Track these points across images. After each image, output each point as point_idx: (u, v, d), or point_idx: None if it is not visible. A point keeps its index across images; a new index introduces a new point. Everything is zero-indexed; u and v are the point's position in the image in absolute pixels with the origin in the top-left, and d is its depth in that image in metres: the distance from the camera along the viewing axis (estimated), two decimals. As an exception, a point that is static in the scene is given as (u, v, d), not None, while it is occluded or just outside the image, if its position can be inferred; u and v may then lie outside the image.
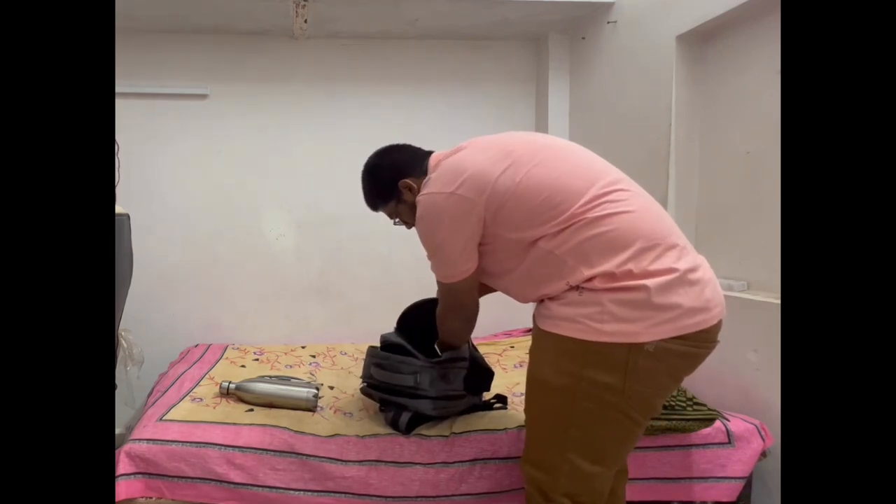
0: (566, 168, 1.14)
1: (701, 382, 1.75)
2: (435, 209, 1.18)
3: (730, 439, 1.50)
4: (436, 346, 1.48)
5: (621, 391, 1.07)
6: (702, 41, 1.89)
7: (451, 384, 1.48)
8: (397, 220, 1.40)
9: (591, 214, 1.08)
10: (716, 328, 1.10)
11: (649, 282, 1.03)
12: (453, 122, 2.63)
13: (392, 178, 1.31)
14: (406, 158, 1.33)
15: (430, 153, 1.33)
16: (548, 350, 1.15)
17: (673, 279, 1.04)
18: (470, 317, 1.37)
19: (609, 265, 1.06)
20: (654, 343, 1.04)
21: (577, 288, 1.09)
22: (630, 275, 1.05)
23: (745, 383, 1.65)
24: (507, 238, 1.16)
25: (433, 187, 1.19)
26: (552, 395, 1.14)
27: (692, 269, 1.07)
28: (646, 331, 1.03)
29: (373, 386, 1.56)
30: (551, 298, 1.14)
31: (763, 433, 1.52)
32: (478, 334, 1.58)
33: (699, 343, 1.08)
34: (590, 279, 1.07)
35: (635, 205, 1.10)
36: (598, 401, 1.09)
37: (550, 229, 1.10)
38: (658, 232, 1.08)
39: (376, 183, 1.37)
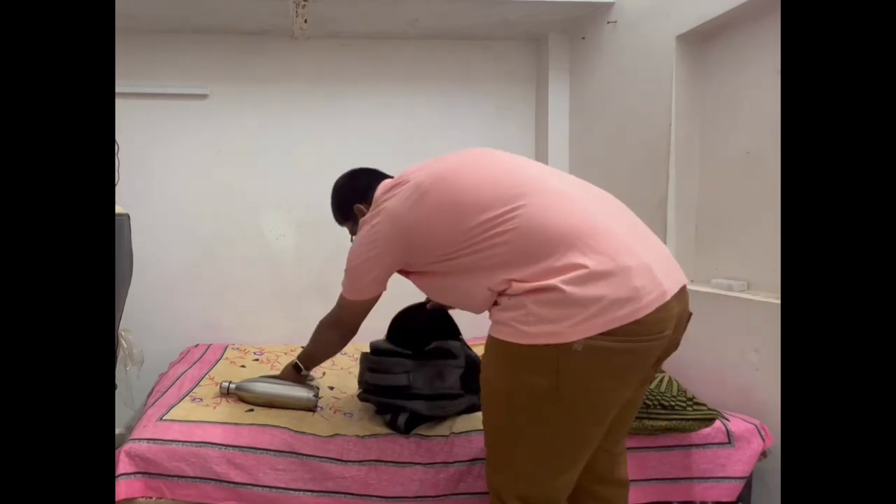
0: (468, 184, 1.15)
1: (701, 382, 1.75)
2: (360, 234, 1.28)
3: (730, 439, 1.50)
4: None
5: (556, 393, 1.03)
6: (702, 41, 1.89)
7: (445, 382, 1.49)
8: (354, 238, 1.45)
9: (491, 228, 1.09)
10: (655, 318, 1.01)
11: (558, 280, 1.00)
12: (453, 122, 2.63)
13: (349, 201, 1.43)
14: (366, 183, 1.39)
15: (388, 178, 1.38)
16: (489, 355, 1.15)
17: (584, 274, 0.99)
18: (348, 333, 1.52)
19: (519, 268, 1.05)
20: (582, 342, 0.98)
21: (505, 294, 1.09)
22: (541, 274, 1.03)
23: (745, 383, 1.64)
24: (428, 264, 1.21)
25: (367, 213, 1.30)
26: (496, 399, 1.14)
27: (605, 260, 1.01)
28: (569, 330, 0.99)
29: (369, 391, 1.57)
30: (494, 304, 1.15)
31: (763, 433, 1.52)
32: (478, 334, 1.58)
33: (636, 337, 1.01)
34: (510, 283, 1.07)
35: (536, 204, 1.08)
36: (536, 404, 1.06)
37: (460, 251, 1.13)
38: (563, 226, 1.05)
39: (338, 202, 1.49)
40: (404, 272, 1.32)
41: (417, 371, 1.47)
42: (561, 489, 1.14)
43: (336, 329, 1.54)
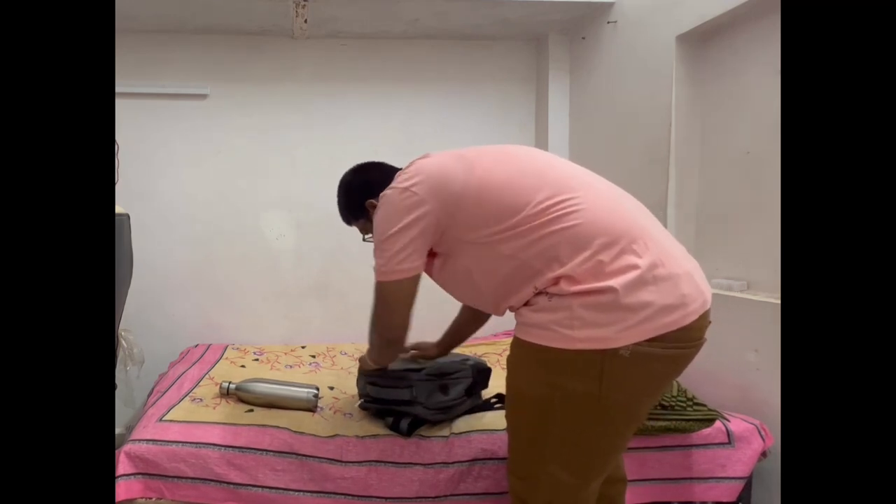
0: (518, 167, 1.13)
1: (701, 382, 1.75)
2: (387, 203, 1.17)
3: (730, 439, 1.50)
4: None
5: (597, 400, 1.02)
6: (702, 41, 1.89)
7: (448, 395, 1.48)
8: (368, 236, 1.37)
9: (547, 215, 1.05)
10: (698, 325, 1.03)
11: (614, 282, 0.98)
12: (453, 122, 2.63)
13: (361, 197, 1.33)
14: (377, 178, 1.30)
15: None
16: (521, 359, 1.11)
17: (637, 276, 0.99)
18: (393, 338, 1.27)
19: (571, 265, 1.02)
20: (630, 347, 0.98)
21: (545, 293, 1.06)
22: (594, 275, 1.01)
23: (745, 383, 1.64)
24: (468, 242, 1.13)
25: (393, 183, 1.20)
26: (528, 406, 1.11)
27: (657, 265, 1.01)
28: (618, 335, 0.98)
29: (370, 401, 1.55)
30: (525, 305, 1.11)
31: (763, 433, 1.52)
32: (478, 334, 1.58)
33: (680, 343, 1.02)
34: (556, 282, 1.04)
35: (590, 201, 1.06)
36: (575, 411, 1.04)
37: (508, 231, 1.07)
38: (618, 226, 1.03)
39: (348, 200, 1.40)
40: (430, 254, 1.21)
41: (420, 385, 1.45)
42: (591, 496, 1.13)
43: (378, 326, 1.28)
